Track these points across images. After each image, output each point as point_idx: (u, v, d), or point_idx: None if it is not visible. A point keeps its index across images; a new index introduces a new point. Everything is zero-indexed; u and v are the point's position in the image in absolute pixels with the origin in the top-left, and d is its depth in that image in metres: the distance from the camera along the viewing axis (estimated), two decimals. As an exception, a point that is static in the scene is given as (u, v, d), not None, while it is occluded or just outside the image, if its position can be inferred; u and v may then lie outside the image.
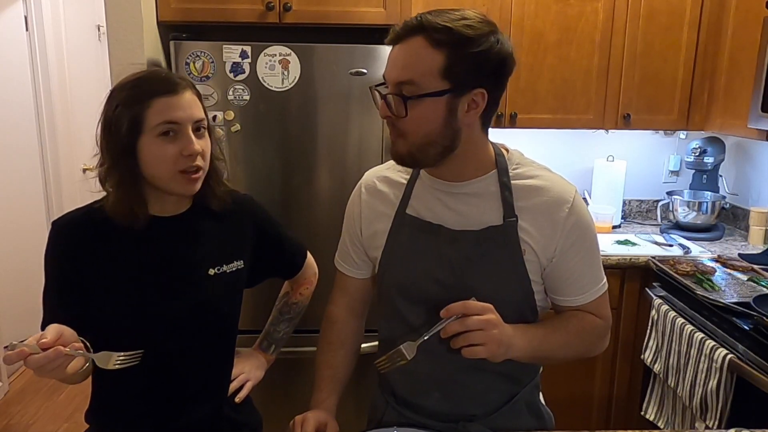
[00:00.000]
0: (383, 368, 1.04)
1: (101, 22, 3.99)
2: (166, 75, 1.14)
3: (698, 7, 2.48)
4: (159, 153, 1.08)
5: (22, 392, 3.27)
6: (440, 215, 1.13)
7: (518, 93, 2.50)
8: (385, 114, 1.04)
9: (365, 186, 1.24)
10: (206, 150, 1.14)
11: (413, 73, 0.99)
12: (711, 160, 2.70)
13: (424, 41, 0.99)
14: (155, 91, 1.08)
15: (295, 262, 1.42)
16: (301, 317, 1.47)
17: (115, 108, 1.09)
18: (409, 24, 1.01)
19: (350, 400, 1.43)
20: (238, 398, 1.32)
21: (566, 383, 2.41)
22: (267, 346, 1.44)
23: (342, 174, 2.19)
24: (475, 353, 0.98)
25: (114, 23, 2.07)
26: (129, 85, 1.11)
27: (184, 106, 1.10)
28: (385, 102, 1.03)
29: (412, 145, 1.04)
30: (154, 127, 1.07)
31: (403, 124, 1.03)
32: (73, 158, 3.98)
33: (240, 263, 1.25)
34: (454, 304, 0.98)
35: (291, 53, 2.09)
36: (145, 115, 1.07)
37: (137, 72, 1.15)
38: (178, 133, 1.09)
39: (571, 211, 1.09)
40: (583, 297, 1.14)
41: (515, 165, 1.13)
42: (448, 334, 0.98)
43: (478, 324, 0.97)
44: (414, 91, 1.00)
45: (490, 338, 0.98)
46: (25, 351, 0.93)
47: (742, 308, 1.82)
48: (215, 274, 1.20)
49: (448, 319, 0.98)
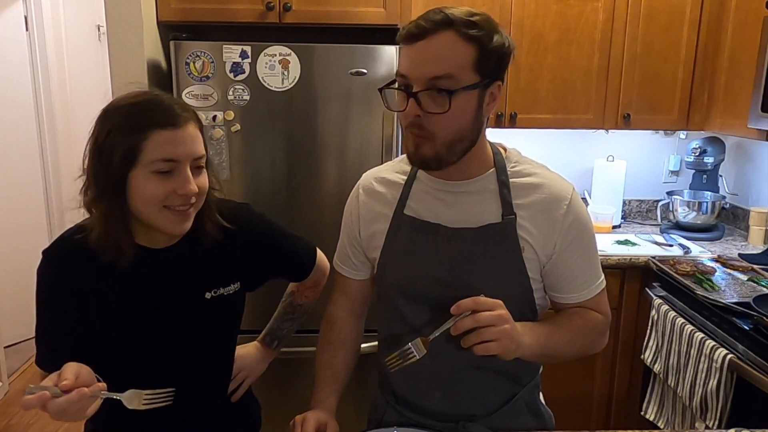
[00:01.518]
0: (393, 366, 1.02)
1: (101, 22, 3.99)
2: (168, 103, 1.03)
3: (698, 7, 2.48)
4: (150, 190, 1.00)
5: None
6: (439, 214, 1.13)
7: (518, 93, 2.50)
8: (416, 113, 1.00)
9: (362, 188, 1.24)
10: (203, 188, 1.06)
11: (450, 66, 0.99)
12: (711, 160, 2.70)
13: (455, 35, 0.99)
14: (155, 121, 0.99)
15: (302, 265, 1.36)
16: (306, 316, 1.45)
17: (107, 133, 0.99)
18: (435, 19, 0.99)
19: (350, 400, 1.43)
20: (235, 398, 1.31)
21: (566, 383, 2.41)
22: (270, 341, 1.42)
23: (342, 174, 2.19)
24: (488, 349, 0.96)
25: (114, 23, 2.07)
26: (126, 110, 1.00)
27: (185, 141, 1.01)
28: (415, 101, 1.00)
29: (442, 144, 1.02)
30: (151, 163, 0.99)
31: (435, 121, 1.00)
32: (73, 158, 3.98)
33: (237, 285, 1.20)
34: (465, 300, 0.97)
35: (291, 53, 2.09)
36: (142, 147, 0.98)
37: (135, 93, 1.05)
38: (174, 171, 1.01)
39: (569, 209, 1.10)
40: (583, 294, 1.15)
41: (513, 163, 1.14)
42: (459, 330, 0.96)
43: (489, 320, 0.96)
44: (453, 84, 0.99)
45: (503, 334, 0.97)
46: (47, 395, 0.87)
47: (742, 308, 1.82)
48: (212, 298, 1.16)
49: (459, 316, 0.97)
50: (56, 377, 0.90)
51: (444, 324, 0.99)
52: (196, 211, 1.08)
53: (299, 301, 1.43)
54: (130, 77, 2.06)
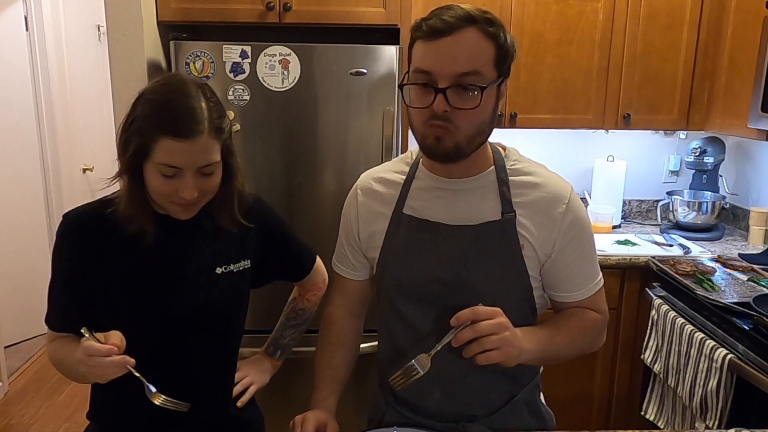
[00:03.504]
0: (398, 385, 1.04)
1: (101, 22, 3.99)
2: (186, 109, 1.04)
3: (698, 7, 2.48)
4: (156, 185, 1.07)
5: (22, 392, 3.27)
6: (438, 213, 1.13)
7: (518, 93, 2.50)
8: (444, 109, 1.00)
9: (361, 188, 1.24)
10: (208, 189, 1.11)
11: (477, 63, 1.00)
12: (711, 160, 2.70)
13: (478, 32, 1.00)
14: (168, 128, 1.02)
15: (302, 265, 1.41)
16: (308, 323, 1.47)
17: (132, 120, 1.06)
18: (458, 15, 1.00)
19: (350, 400, 1.43)
20: (240, 402, 1.31)
21: (566, 383, 2.41)
22: (273, 351, 1.44)
23: (342, 174, 2.19)
24: (490, 358, 0.97)
25: (114, 23, 2.07)
26: (151, 103, 1.05)
27: (191, 153, 1.04)
28: (443, 96, 1.00)
29: (464, 137, 1.03)
30: (157, 165, 1.05)
31: (462, 116, 1.01)
32: (73, 158, 3.98)
33: (247, 263, 1.24)
34: (463, 312, 0.98)
35: (291, 53, 2.09)
36: (152, 147, 1.04)
37: (168, 81, 1.09)
38: (178, 175, 1.06)
39: (568, 208, 1.11)
40: (582, 293, 1.16)
41: (512, 161, 1.15)
42: (460, 342, 0.97)
43: (489, 328, 0.97)
44: (480, 81, 1.00)
45: (504, 341, 0.98)
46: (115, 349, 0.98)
47: (742, 308, 1.82)
48: (222, 273, 1.20)
49: (458, 328, 0.98)
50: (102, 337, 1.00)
51: (445, 337, 1.00)
52: (202, 205, 1.14)
53: (301, 305, 1.45)
54: (130, 77, 2.06)
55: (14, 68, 3.55)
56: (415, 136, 1.08)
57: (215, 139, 1.07)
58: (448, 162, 1.08)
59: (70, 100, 3.92)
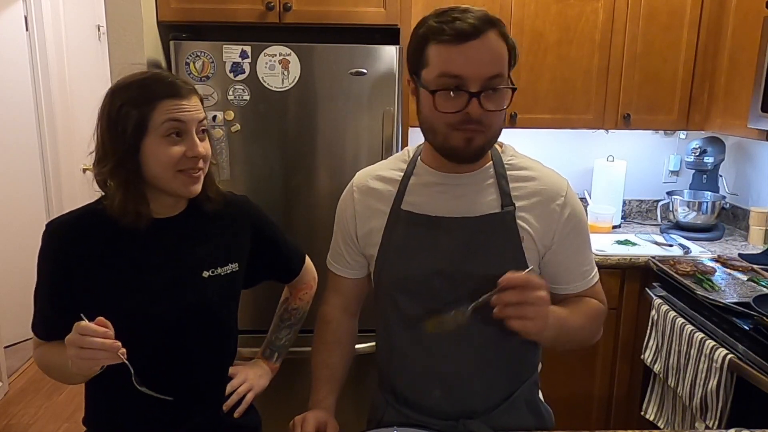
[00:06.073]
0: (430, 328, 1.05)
1: (101, 22, 3.99)
2: (171, 79, 1.13)
3: (698, 7, 2.48)
4: (163, 153, 1.09)
5: (22, 392, 3.27)
6: (438, 207, 1.14)
7: (518, 93, 2.40)
8: (480, 112, 1.02)
9: (357, 186, 1.24)
10: (208, 153, 1.15)
11: (501, 65, 1.03)
12: (711, 160, 2.70)
13: (497, 35, 1.02)
14: (161, 93, 1.09)
15: (292, 265, 1.41)
16: (302, 323, 1.47)
17: (119, 107, 1.08)
18: (481, 17, 1.01)
19: (350, 400, 1.43)
20: (237, 413, 1.30)
21: (566, 383, 2.41)
22: (270, 355, 1.43)
23: (342, 174, 2.19)
24: (525, 327, 0.97)
25: (114, 23, 2.07)
26: (135, 85, 1.10)
27: (189, 107, 1.11)
28: (477, 100, 1.01)
29: (492, 136, 1.07)
30: (160, 126, 1.08)
31: (491, 117, 1.03)
32: (73, 158, 3.98)
33: (235, 266, 1.24)
34: (517, 275, 0.97)
35: (291, 53, 2.09)
36: (151, 116, 1.07)
37: (139, 73, 1.15)
38: (183, 134, 1.10)
39: (566, 202, 1.14)
40: (583, 283, 1.18)
41: (509, 157, 1.18)
42: (502, 302, 0.96)
43: (535, 299, 0.97)
44: (502, 83, 1.03)
45: (540, 314, 0.98)
46: (110, 333, 0.97)
47: (742, 308, 1.82)
48: (209, 277, 1.19)
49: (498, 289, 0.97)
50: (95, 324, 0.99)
51: (487, 294, 0.98)
52: (204, 176, 1.16)
53: (294, 305, 1.45)
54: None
55: (14, 68, 3.55)
56: (433, 138, 1.08)
57: (200, 102, 1.15)
58: (474, 161, 1.11)
59: (70, 100, 3.92)
